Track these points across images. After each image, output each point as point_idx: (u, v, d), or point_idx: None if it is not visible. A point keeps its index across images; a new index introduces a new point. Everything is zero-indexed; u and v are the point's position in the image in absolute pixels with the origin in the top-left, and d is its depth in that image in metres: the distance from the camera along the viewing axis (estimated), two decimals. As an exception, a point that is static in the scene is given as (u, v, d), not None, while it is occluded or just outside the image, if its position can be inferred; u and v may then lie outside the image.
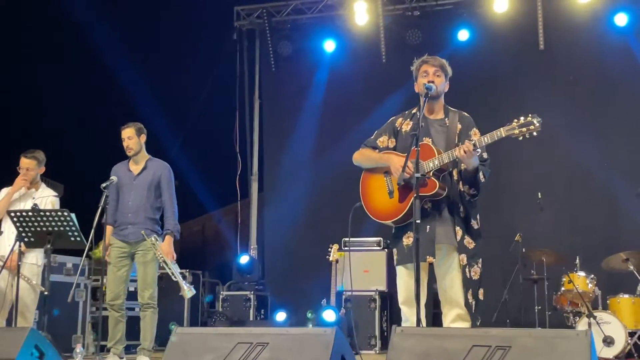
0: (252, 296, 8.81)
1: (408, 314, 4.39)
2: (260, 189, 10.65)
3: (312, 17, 10.19)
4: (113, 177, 5.82)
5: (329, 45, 10.07)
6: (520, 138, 4.10)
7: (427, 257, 4.27)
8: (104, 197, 5.58)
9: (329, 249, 7.86)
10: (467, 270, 4.31)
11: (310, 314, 8.08)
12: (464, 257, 4.32)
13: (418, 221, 3.92)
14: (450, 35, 9.38)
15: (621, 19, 8.85)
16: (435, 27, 9.48)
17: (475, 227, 4.42)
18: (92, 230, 5.43)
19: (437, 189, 4.25)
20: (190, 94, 10.57)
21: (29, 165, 6.18)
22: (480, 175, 4.34)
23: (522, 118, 4.10)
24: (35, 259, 6.01)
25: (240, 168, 10.39)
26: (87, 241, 5.48)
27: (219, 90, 10.46)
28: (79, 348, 5.33)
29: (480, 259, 4.39)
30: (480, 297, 4.37)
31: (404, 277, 4.42)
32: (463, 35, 9.37)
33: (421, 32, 9.37)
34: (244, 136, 10.48)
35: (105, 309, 5.98)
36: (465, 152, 4.13)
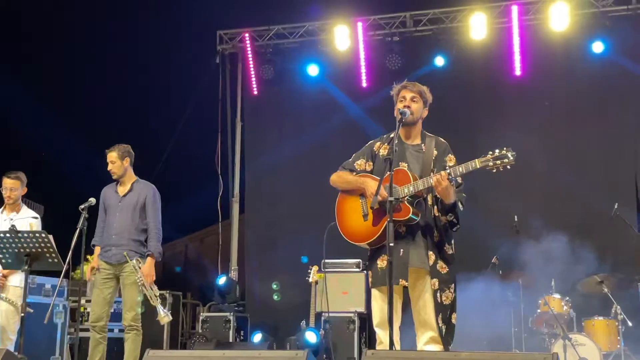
0: (231, 317, 8.80)
1: (382, 337, 4.42)
2: (241, 211, 10.69)
3: (294, 41, 10.33)
4: (91, 199, 5.85)
5: (312, 70, 10.21)
6: (494, 171, 4.16)
7: (400, 280, 4.31)
8: (82, 218, 5.60)
9: (309, 271, 7.89)
10: (438, 294, 4.35)
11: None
12: (435, 281, 4.36)
13: (391, 244, 3.98)
14: (429, 60, 9.55)
15: (598, 47, 9.05)
16: (414, 52, 9.64)
17: (450, 252, 4.47)
18: (70, 252, 5.45)
19: (410, 214, 4.31)
20: (172, 116, 10.65)
21: (13, 185, 6.29)
22: (459, 205, 4.42)
23: (497, 151, 4.15)
24: (19, 281, 6.02)
25: (221, 190, 10.43)
26: (64, 263, 5.49)
27: (201, 112, 10.56)
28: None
29: (454, 284, 4.43)
30: (453, 321, 4.41)
31: (378, 299, 4.47)
32: (441, 60, 9.54)
33: (401, 57, 9.53)
34: (226, 158, 10.54)
35: (83, 330, 5.97)
36: (437, 182, 4.21)
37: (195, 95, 10.38)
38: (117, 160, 6.16)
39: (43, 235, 5.37)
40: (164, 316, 5.91)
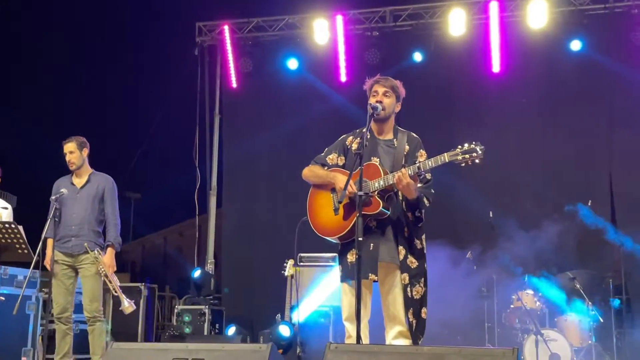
0: (207, 310, 8.79)
1: (351, 330, 4.43)
2: (219, 204, 10.65)
3: (274, 34, 10.30)
4: (63, 190, 5.81)
5: (292, 63, 10.18)
6: (463, 165, 4.15)
7: (370, 274, 4.32)
8: (54, 209, 5.57)
9: (285, 264, 7.89)
10: (408, 289, 4.37)
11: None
12: (406, 276, 4.38)
13: (360, 239, 3.99)
14: (408, 55, 9.58)
15: (576, 45, 9.13)
16: (394, 47, 9.66)
17: (419, 246, 4.48)
18: (40, 243, 5.41)
19: (380, 208, 4.32)
20: (150, 108, 10.60)
21: None
22: (425, 200, 4.42)
23: (466, 145, 4.13)
24: None
25: (199, 182, 10.39)
26: (34, 254, 5.45)
27: (180, 104, 10.52)
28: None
29: (424, 279, 4.44)
30: (423, 315, 4.43)
31: (348, 293, 4.47)
32: (420, 56, 9.57)
33: (380, 52, 9.54)
34: (204, 151, 10.50)
35: (52, 322, 5.94)
36: (399, 179, 4.19)
37: (174, 87, 10.33)
38: (76, 150, 6.13)
39: (12, 226, 5.33)
40: (128, 306, 5.94)
